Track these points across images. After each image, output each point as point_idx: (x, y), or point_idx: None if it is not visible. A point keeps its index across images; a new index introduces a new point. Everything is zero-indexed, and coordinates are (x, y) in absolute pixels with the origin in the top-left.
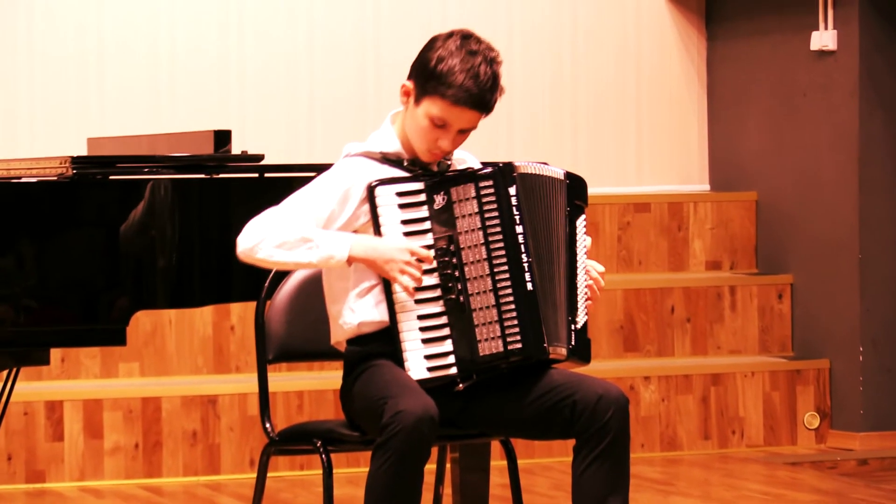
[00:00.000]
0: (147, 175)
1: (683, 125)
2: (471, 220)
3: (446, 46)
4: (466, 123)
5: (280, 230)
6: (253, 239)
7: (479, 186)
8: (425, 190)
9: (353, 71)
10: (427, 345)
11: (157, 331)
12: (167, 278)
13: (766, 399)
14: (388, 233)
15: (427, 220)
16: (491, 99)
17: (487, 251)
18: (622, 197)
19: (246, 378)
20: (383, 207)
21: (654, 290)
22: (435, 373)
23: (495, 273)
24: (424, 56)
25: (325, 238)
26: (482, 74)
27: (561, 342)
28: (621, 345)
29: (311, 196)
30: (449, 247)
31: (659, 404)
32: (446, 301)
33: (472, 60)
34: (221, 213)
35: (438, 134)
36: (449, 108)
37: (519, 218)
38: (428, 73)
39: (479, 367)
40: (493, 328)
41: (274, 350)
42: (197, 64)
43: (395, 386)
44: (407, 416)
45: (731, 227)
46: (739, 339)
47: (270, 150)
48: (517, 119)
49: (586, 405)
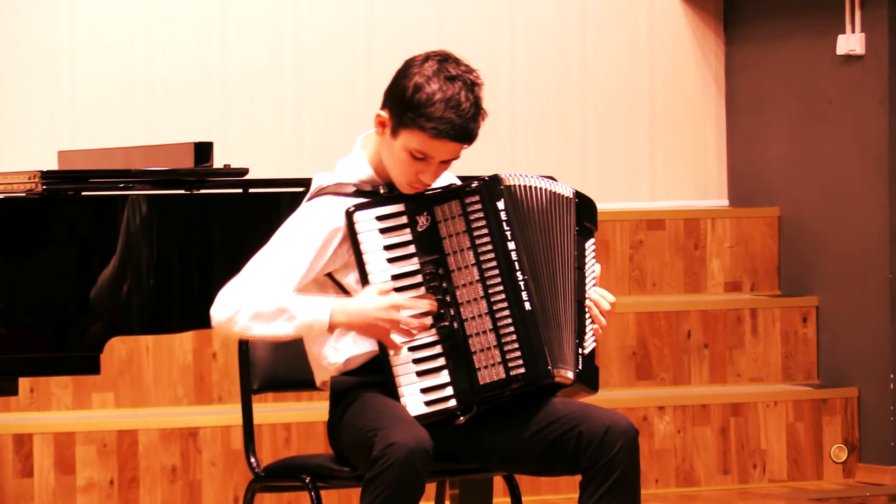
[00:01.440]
0: (122, 191)
1: (700, 135)
2: (459, 240)
3: (422, 72)
4: (448, 155)
5: (255, 299)
6: (227, 310)
7: (466, 203)
8: (407, 211)
9: (343, 78)
10: (423, 378)
11: (134, 358)
12: (144, 302)
13: (790, 430)
14: (371, 261)
15: (411, 243)
16: (474, 128)
17: (480, 272)
18: (634, 213)
19: (229, 409)
20: (364, 234)
21: (668, 313)
22: (433, 407)
23: (490, 295)
24: (399, 84)
25: (304, 306)
26: (463, 103)
27: (567, 364)
28: (633, 372)
29: (287, 249)
30: (437, 270)
31: (674, 436)
32: (439, 329)
33: (452, 88)
34: (202, 232)
35: (419, 167)
36: (429, 141)
37: (510, 233)
38: (405, 104)
39: (480, 397)
40: (493, 354)
41: (259, 379)
42: (176, 71)
43: (385, 417)
44: (399, 449)
45: (752, 245)
46: (761, 365)
47: (255, 164)
48: (520, 129)
49: (593, 437)
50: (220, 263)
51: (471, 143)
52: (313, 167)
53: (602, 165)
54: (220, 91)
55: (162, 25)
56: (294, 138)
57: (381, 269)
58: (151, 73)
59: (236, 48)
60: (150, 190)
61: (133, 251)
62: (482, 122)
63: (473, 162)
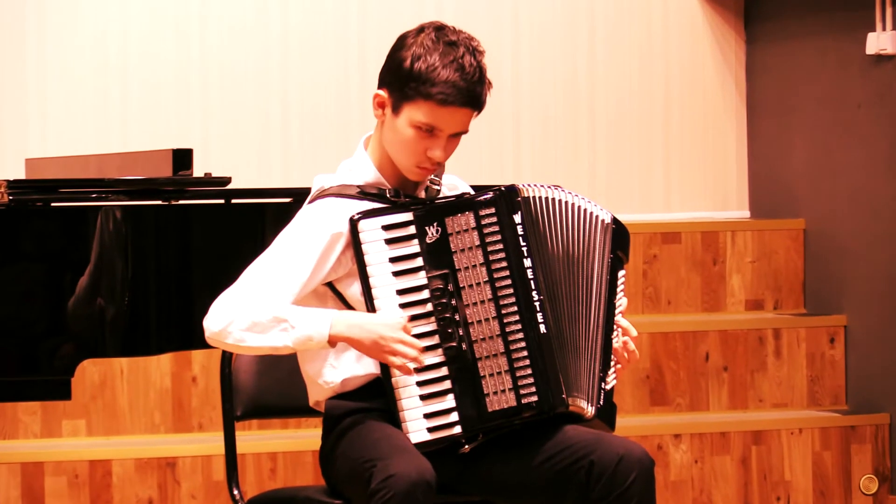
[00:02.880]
0: (95, 202)
1: (719, 141)
2: (471, 255)
3: (420, 42)
4: (458, 125)
5: (250, 309)
6: (221, 321)
7: (480, 215)
8: (415, 221)
9: (334, 80)
10: (426, 402)
11: (107, 383)
12: (118, 322)
13: (817, 460)
14: (375, 274)
15: (419, 255)
16: (482, 92)
17: (493, 290)
18: (648, 225)
19: (210, 437)
20: (369, 244)
21: (685, 333)
22: (436, 434)
23: (503, 315)
24: (397, 57)
25: (302, 317)
26: (468, 66)
27: (582, 393)
28: (647, 397)
29: (286, 255)
30: (446, 286)
31: (691, 466)
32: (446, 350)
33: (454, 52)
34: (181, 246)
35: (428, 143)
36: (436, 109)
37: (526, 250)
38: (405, 75)
39: (488, 426)
40: (503, 379)
41: (243, 405)
42: (152, 72)
43: (384, 445)
44: (399, 481)
45: (775, 260)
46: (785, 390)
47: (239, 173)
48: (524, 136)
49: (605, 467)
50: (200, 280)
51: (479, 111)
52: (301, 176)
53: (612, 174)
54: (200, 93)
55: (137, 22)
56: (280, 145)
57: (386, 283)
58: (125, 74)
59: (218, 46)
60: (124, 200)
61: (106, 267)
62: (488, 92)
63: (475, 170)
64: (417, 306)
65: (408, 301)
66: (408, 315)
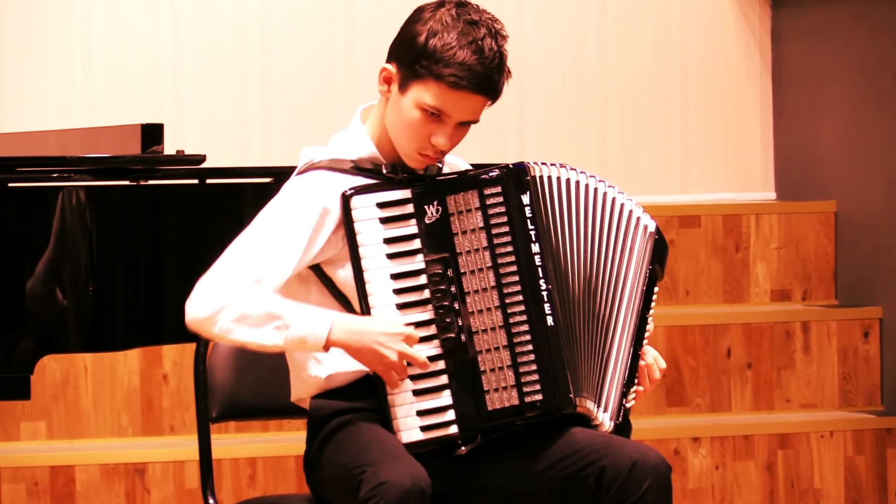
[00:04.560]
0: (56, 182)
1: (741, 116)
2: (474, 238)
3: (438, 17)
4: (468, 114)
5: (242, 297)
6: (207, 306)
7: (485, 194)
8: (413, 199)
9: (319, 51)
10: (420, 398)
11: (70, 381)
12: (82, 314)
13: (849, 465)
14: (368, 255)
15: (416, 237)
16: (499, 81)
17: (496, 277)
18: (664, 208)
19: (183, 441)
20: (362, 223)
21: (704, 327)
22: (430, 433)
23: (507, 305)
24: (411, 30)
25: (300, 316)
26: (487, 49)
27: (591, 394)
28: (663, 397)
29: (277, 231)
30: (445, 271)
31: (712, 473)
32: (443, 342)
33: (474, 32)
34: (151, 231)
35: (432, 128)
36: (447, 93)
37: (535, 234)
38: (418, 51)
39: (488, 425)
40: (506, 375)
41: (219, 405)
42: (119, 41)
43: (375, 450)
44: (391, 490)
45: (804, 246)
46: (814, 389)
47: (214, 150)
48: (528, 111)
49: (617, 473)
50: (172, 267)
51: (495, 100)
52: (283, 154)
53: (625, 152)
54: (171, 64)
55: None
56: (259, 120)
57: (379, 266)
58: (90, 44)
59: (191, 13)
60: (88, 180)
61: (69, 253)
62: (507, 82)
63: (473, 151)
64: (413, 293)
65: (403, 287)
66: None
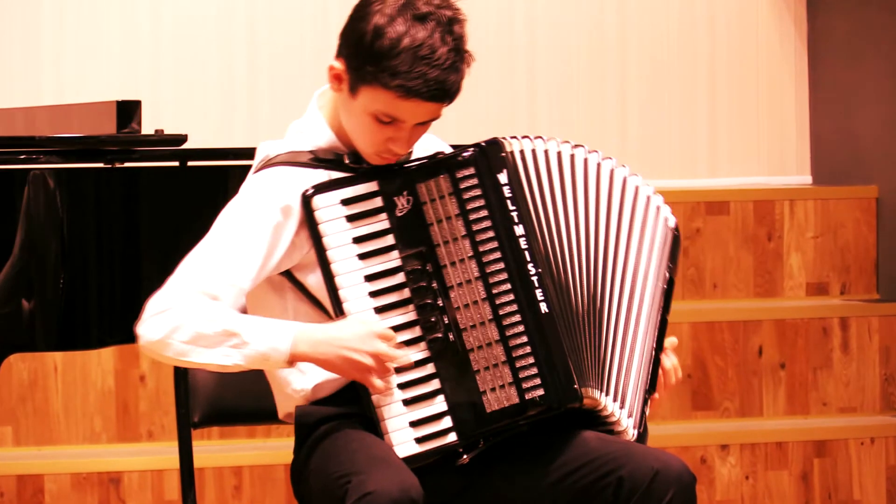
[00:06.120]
0: (23, 164)
1: (774, 93)
2: (451, 227)
3: (384, 10)
4: (424, 116)
5: (195, 315)
6: (159, 328)
7: (457, 178)
8: (381, 191)
9: (310, 18)
10: (411, 407)
11: (39, 382)
12: (51, 309)
13: (891, 475)
14: (337, 258)
15: (388, 232)
16: (455, 81)
17: (480, 266)
18: (689, 193)
19: (162, 448)
20: (327, 224)
21: (733, 323)
22: (427, 444)
23: (494, 296)
24: (356, 25)
25: (258, 330)
26: (438, 49)
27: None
28: (688, 400)
29: (232, 240)
30: (424, 266)
31: (741, 483)
32: (430, 343)
33: (423, 30)
34: (127, 218)
35: (388, 133)
36: (396, 102)
37: (517, 215)
38: (364, 52)
39: (489, 429)
40: (502, 372)
41: (201, 409)
42: (91, 9)
43: (362, 458)
44: (377, 500)
45: (843, 235)
46: (854, 392)
47: (196, 130)
48: (540, 88)
49: (637, 483)
50: (150, 258)
51: (452, 101)
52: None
53: (647, 133)
54: (149, 35)
55: None
56: (246, 97)
57: (351, 269)
58: (63, 17)
59: None
60: (58, 163)
61: (37, 243)
62: (467, 69)
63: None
64: (391, 293)
65: (379, 288)
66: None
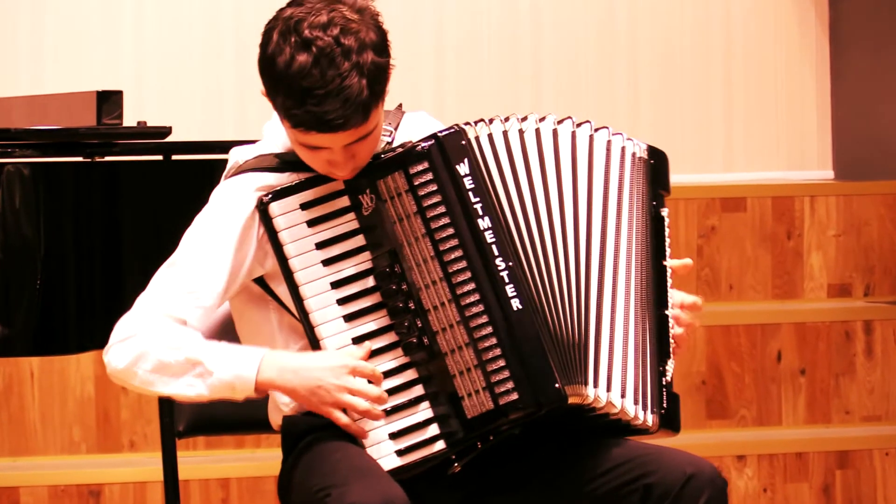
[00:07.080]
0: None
1: (794, 83)
2: (411, 226)
3: (274, 39)
4: (344, 140)
5: (158, 342)
6: (124, 356)
7: (411, 174)
8: (348, 190)
9: None
10: (393, 417)
11: (14, 389)
12: (27, 311)
13: None
14: (300, 266)
15: (355, 234)
16: (358, 107)
17: (442, 267)
18: (704, 189)
19: (145, 459)
20: (286, 231)
21: (751, 327)
22: (412, 455)
23: (459, 297)
24: (261, 55)
25: (222, 359)
26: (317, 83)
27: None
28: (703, 409)
29: (197, 257)
30: (392, 268)
31: (759, 496)
32: (406, 348)
33: (302, 59)
34: (108, 214)
35: (322, 156)
36: (305, 134)
37: (481, 208)
38: (265, 81)
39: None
40: (475, 377)
41: (186, 418)
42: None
43: (344, 469)
44: None
45: (867, 233)
46: (878, 399)
47: (181, 122)
48: (545, 78)
49: (668, 488)
50: (132, 258)
51: (363, 122)
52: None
53: (659, 126)
54: (132, 23)
55: None
56: (233, 87)
57: (315, 277)
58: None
59: None
60: (36, 156)
61: (12, 242)
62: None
63: None
64: (360, 299)
65: (346, 295)
66: (366, 349)
